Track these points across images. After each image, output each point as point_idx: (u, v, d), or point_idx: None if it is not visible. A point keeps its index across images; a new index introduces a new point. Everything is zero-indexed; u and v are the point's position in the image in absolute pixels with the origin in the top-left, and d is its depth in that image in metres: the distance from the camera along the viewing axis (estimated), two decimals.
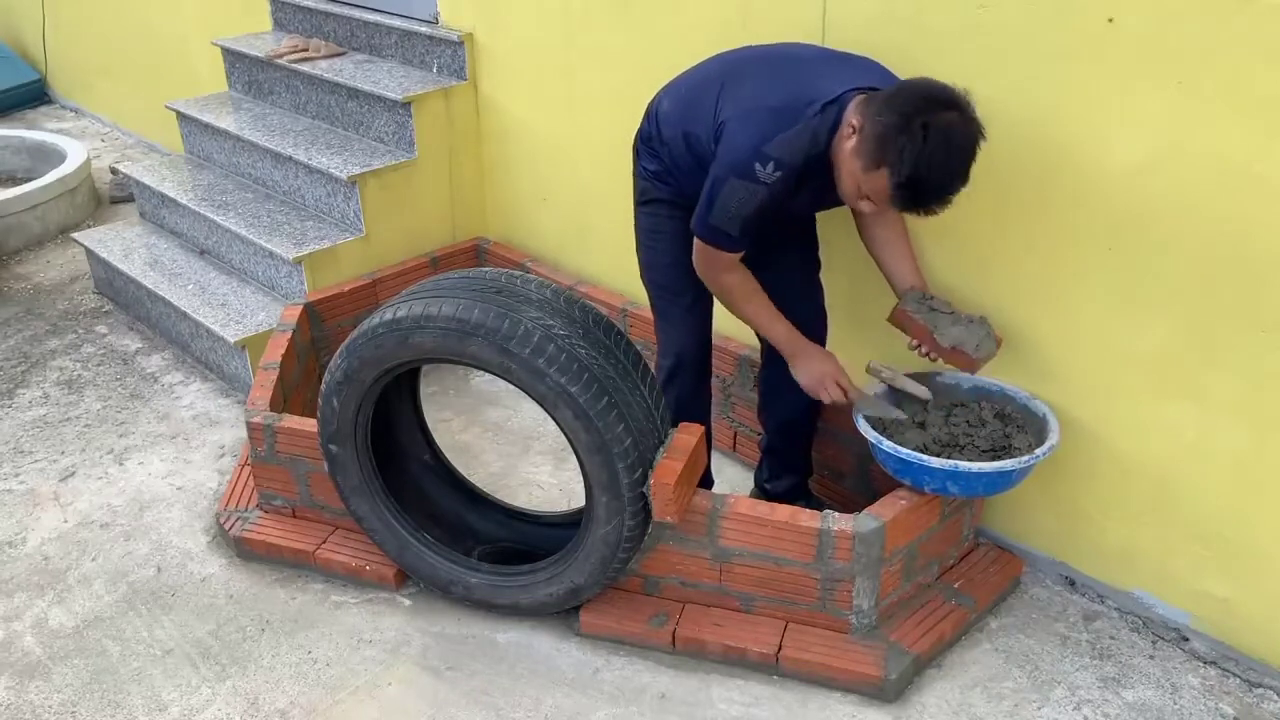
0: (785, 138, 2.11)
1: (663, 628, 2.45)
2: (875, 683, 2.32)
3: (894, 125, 1.99)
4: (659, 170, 2.42)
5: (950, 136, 1.98)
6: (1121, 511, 2.45)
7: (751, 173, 2.12)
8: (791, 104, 2.14)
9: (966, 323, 2.39)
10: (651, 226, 2.49)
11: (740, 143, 2.14)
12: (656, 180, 2.43)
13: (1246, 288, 2.09)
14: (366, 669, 2.45)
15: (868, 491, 2.67)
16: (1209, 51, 2.00)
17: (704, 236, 2.27)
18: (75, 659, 2.51)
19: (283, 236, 3.57)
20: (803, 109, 2.12)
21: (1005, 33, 2.26)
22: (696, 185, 2.31)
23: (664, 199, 2.44)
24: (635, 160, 2.50)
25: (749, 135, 2.13)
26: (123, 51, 5.67)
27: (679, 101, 2.37)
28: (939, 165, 1.99)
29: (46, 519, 2.98)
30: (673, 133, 2.35)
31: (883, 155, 2.01)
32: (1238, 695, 2.32)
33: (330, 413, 2.44)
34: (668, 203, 2.44)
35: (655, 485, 2.24)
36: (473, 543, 2.64)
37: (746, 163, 2.12)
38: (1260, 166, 2.00)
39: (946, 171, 2.01)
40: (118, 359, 3.78)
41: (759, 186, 2.12)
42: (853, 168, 2.09)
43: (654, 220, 2.48)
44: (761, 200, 2.15)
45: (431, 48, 3.74)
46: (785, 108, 2.14)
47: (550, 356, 2.15)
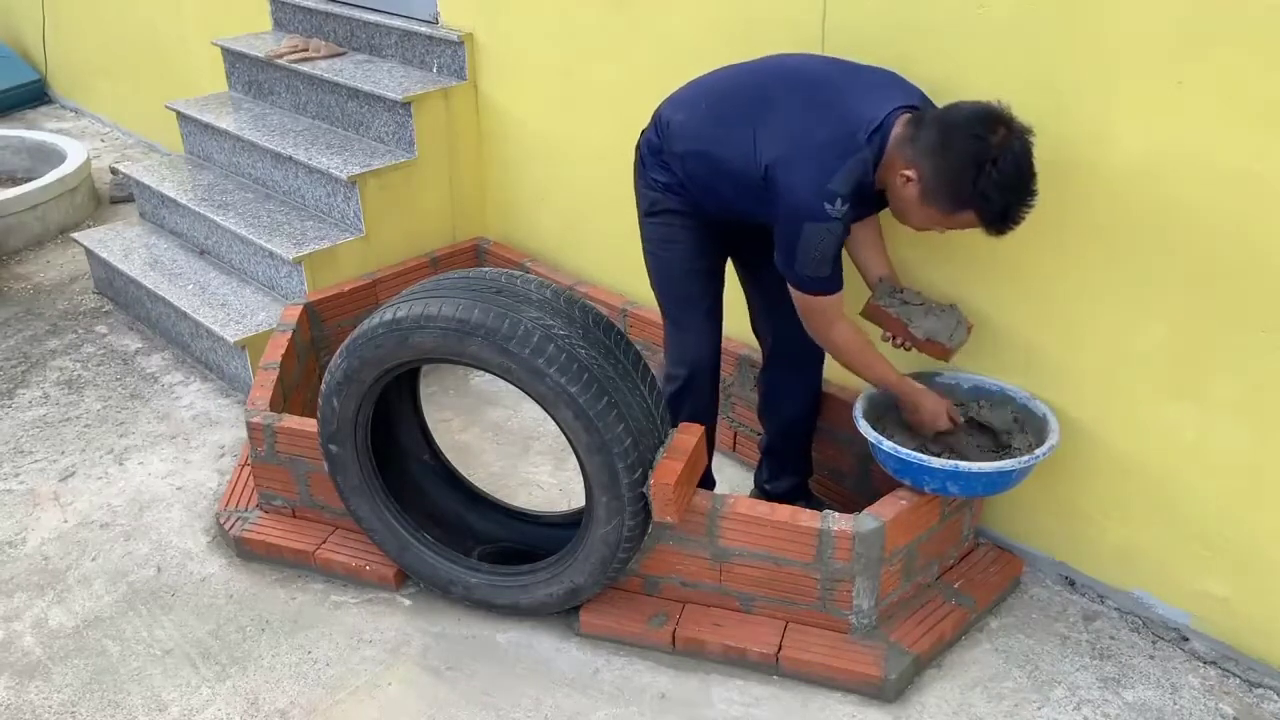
0: (843, 172, 2.13)
1: (662, 628, 2.45)
2: (875, 683, 2.32)
3: (964, 170, 2.03)
4: (670, 182, 2.41)
5: (1016, 156, 2.04)
6: (1121, 511, 2.45)
7: (823, 213, 2.13)
8: (839, 136, 2.15)
9: (938, 312, 2.40)
10: (664, 236, 2.48)
11: (805, 188, 2.14)
12: (668, 192, 2.42)
13: (1246, 288, 2.09)
14: (366, 669, 2.45)
15: (868, 491, 2.66)
16: (1209, 51, 2.00)
17: (803, 287, 2.27)
18: (75, 659, 2.51)
19: (283, 236, 3.57)
20: (850, 138, 2.14)
21: (1004, 33, 2.26)
22: (715, 200, 2.34)
23: (675, 209, 2.43)
24: (640, 170, 2.48)
25: (809, 177, 2.14)
26: (123, 51, 5.67)
27: (695, 120, 2.35)
28: (1019, 188, 2.06)
29: (46, 519, 2.99)
30: (687, 150, 2.35)
31: (965, 198, 2.07)
32: (1238, 695, 2.32)
33: (330, 413, 2.44)
34: (679, 213, 2.43)
35: (655, 485, 2.24)
36: (473, 543, 2.64)
37: (816, 205, 2.13)
38: (1260, 166, 2.00)
39: (1025, 189, 2.07)
40: (118, 359, 3.78)
41: (833, 223, 2.15)
42: (929, 212, 2.14)
43: (667, 230, 2.47)
44: (839, 235, 2.17)
45: (431, 48, 3.74)
46: (835, 142, 2.15)
47: (550, 356, 2.15)
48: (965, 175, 2.03)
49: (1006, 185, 2.04)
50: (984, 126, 2.04)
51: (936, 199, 2.10)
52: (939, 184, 2.08)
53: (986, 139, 2.02)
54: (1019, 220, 2.10)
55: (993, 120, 2.05)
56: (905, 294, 2.43)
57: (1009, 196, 2.05)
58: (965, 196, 2.06)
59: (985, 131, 2.03)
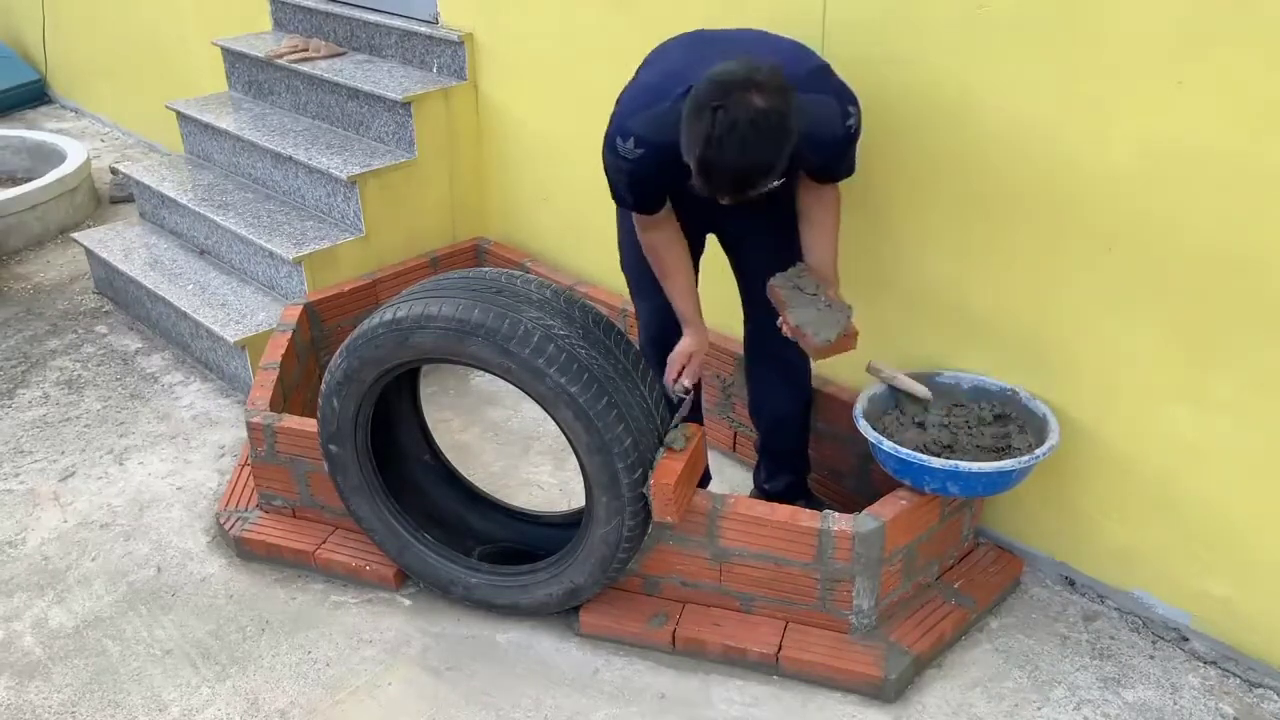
0: (643, 116, 2.14)
1: (663, 628, 2.45)
2: (875, 683, 2.32)
3: (689, 113, 2.00)
4: None
5: (738, 119, 1.93)
6: (1121, 511, 2.45)
7: (614, 146, 2.17)
8: (664, 83, 2.16)
9: (822, 307, 2.33)
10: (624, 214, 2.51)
11: (613, 115, 2.21)
12: None
13: (1246, 288, 2.09)
14: (366, 669, 2.45)
15: (868, 491, 2.66)
16: (1209, 51, 2.00)
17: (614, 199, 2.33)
18: (75, 659, 2.51)
19: (283, 236, 3.57)
20: (664, 90, 2.14)
21: (1004, 32, 2.26)
22: None
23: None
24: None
25: (618, 110, 2.21)
26: (123, 51, 5.67)
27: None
28: (728, 147, 1.94)
29: (46, 519, 2.99)
30: None
31: (686, 150, 2.02)
32: (1238, 695, 2.32)
33: (330, 413, 2.44)
34: None
35: (655, 485, 2.24)
36: (473, 543, 2.64)
37: (610, 136, 2.19)
38: (1259, 166, 2.00)
39: (738, 153, 1.95)
40: (118, 359, 3.78)
41: (621, 160, 2.17)
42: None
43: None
44: (629, 173, 2.18)
45: (431, 48, 3.74)
46: (655, 86, 2.18)
47: (550, 356, 2.15)
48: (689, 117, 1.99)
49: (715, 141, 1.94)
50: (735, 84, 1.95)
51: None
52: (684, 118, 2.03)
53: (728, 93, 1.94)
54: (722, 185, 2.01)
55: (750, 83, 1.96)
56: (803, 282, 2.37)
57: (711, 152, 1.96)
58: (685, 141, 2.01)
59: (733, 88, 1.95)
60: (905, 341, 2.66)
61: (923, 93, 2.42)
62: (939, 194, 2.48)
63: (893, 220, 2.59)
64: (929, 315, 2.61)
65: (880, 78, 2.46)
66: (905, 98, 2.45)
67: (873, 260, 2.65)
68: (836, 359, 2.43)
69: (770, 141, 1.96)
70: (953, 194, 2.45)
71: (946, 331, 2.60)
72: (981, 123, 2.34)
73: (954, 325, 2.58)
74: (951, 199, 2.46)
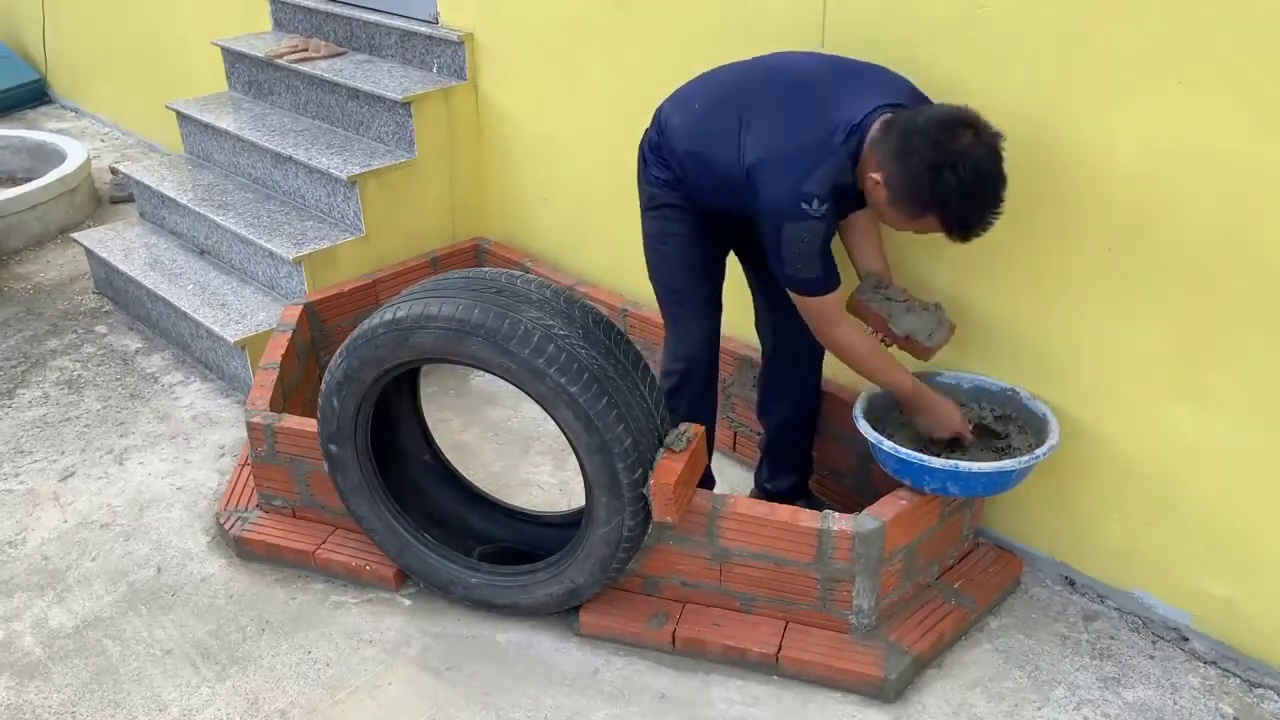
0: (819, 173, 2.13)
1: (663, 628, 2.45)
2: (875, 683, 2.32)
3: (923, 175, 2.02)
4: (669, 179, 2.43)
5: (979, 164, 2.02)
6: (1121, 511, 2.45)
7: (802, 213, 2.14)
8: (816, 138, 2.16)
9: (920, 311, 2.41)
10: (661, 230, 2.49)
11: (781, 190, 2.16)
12: (667, 187, 2.44)
13: (1246, 287, 2.09)
14: (366, 669, 2.45)
15: (868, 491, 2.66)
16: (1209, 50, 2.00)
17: (797, 288, 2.28)
18: (75, 659, 2.51)
19: (283, 236, 3.57)
20: (827, 140, 2.14)
21: (1004, 32, 2.26)
22: (709, 195, 2.36)
23: (674, 203, 2.45)
24: (643, 167, 2.50)
25: (787, 180, 2.16)
26: (123, 51, 5.67)
27: (690, 120, 2.37)
28: (979, 193, 2.04)
29: (46, 519, 2.99)
30: (684, 149, 2.36)
31: (925, 203, 2.06)
32: (1238, 695, 2.32)
33: (330, 413, 2.44)
34: (677, 207, 2.44)
35: (655, 485, 2.24)
36: (473, 543, 2.64)
37: (794, 207, 2.15)
38: (1259, 166, 2.00)
39: (987, 196, 2.06)
40: (118, 359, 3.78)
41: (813, 222, 2.15)
42: (897, 215, 2.14)
43: (664, 224, 2.48)
44: (821, 234, 2.17)
45: (431, 48, 3.74)
46: (812, 143, 2.16)
47: (550, 356, 2.15)
48: (923, 180, 2.03)
49: (966, 192, 2.02)
50: (946, 132, 2.02)
51: (900, 203, 2.10)
52: (901, 188, 2.07)
53: (946, 145, 2.01)
54: (981, 227, 2.09)
55: (956, 125, 2.03)
56: (890, 290, 2.43)
57: (968, 203, 2.05)
58: (925, 202, 2.06)
59: (946, 137, 2.02)
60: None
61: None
62: None
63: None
64: None
65: None
66: None
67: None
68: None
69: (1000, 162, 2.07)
70: None
71: None
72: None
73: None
74: None
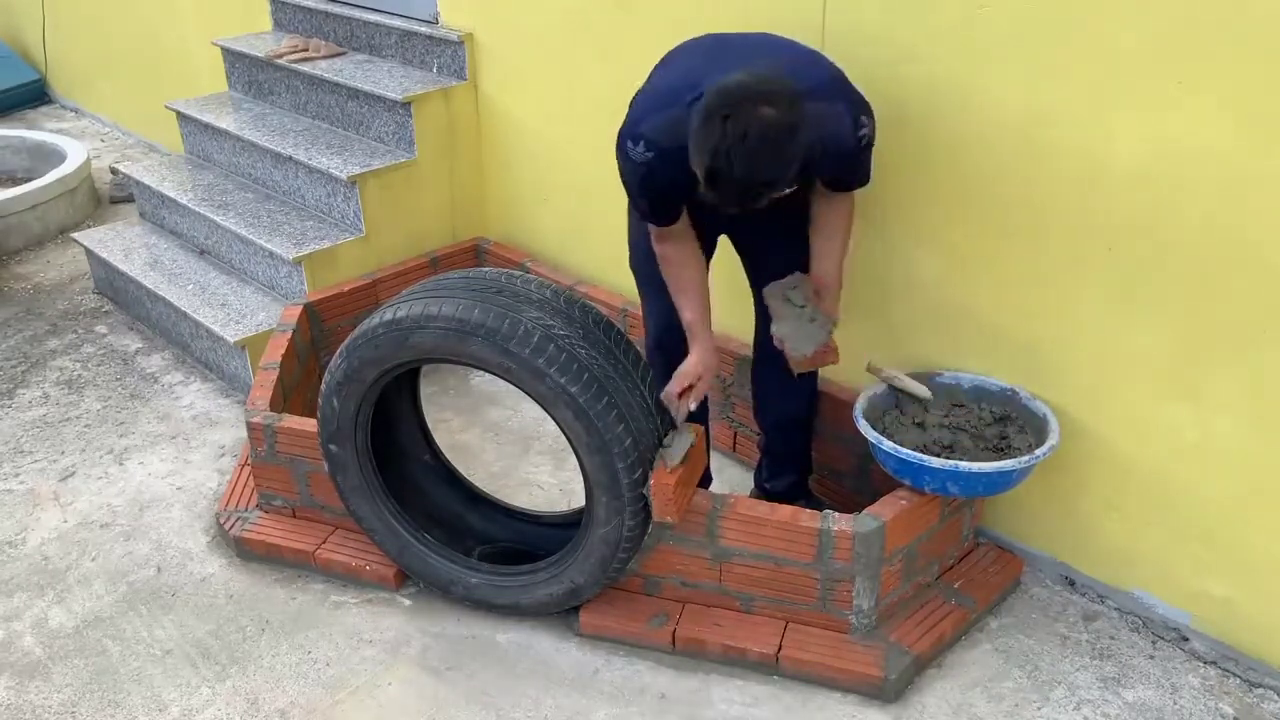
0: (656, 120, 2.15)
1: (663, 628, 2.45)
2: (875, 683, 2.32)
3: (698, 123, 1.99)
4: None
5: (747, 131, 1.93)
6: (1121, 511, 2.45)
7: (624, 149, 2.18)
8: (675, 88, 2.17)
9: (806, 322, 2.39)
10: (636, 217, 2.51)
11: (626, 118, 2.21)
12: None
13: (1246, 287, 2.09)
14: (366, 669, 2.45)
15: (868, 491, 2.66)
16: (1209, 51, 2.00)
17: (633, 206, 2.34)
18: (75, 659, 2.51)
19: (283, 236, 3.57)
20: (684, 93, 2.13)
21: (1004, 32, 2.26)
22: None
23: None
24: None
25: (630, 113, 2.21)
26: (123, 51, 5.67)
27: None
28: (736, 159, 1.93)
29: (46, 519, 2.99)
30: None
31: (693, 157, 2.01)
32: (1238, 695, 2.32)
33: (330, 413, 2.44)
34: None
35: (655, 485, 2.24)
36: (473, 543, 2.64)
37: (621, 139, 2.19)
38: (1259, 166, 2.00)
39: (745, 165, 1.94)
40: (118, 359, 3.78)
41: (633, 164, 2.18)
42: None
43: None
44: (642, 177, 2.18)
45: (431, 48, 3.74)
46: (668, 90, 2.18)
47: (550, 356, 2.15)
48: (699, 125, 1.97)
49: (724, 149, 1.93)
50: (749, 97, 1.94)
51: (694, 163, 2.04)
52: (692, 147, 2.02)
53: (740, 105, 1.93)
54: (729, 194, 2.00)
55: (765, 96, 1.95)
56: (795, 294, 2.40)
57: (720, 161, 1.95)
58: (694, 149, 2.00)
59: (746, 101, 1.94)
60: (905, 341, 2.66)
61: (922, 92, 2.42)
62: (939, 193, 2.48)
63: (893, 220, 2.59)
64: (929, 315, 2.61)
65: (880, 78, 2.46)
66: (905, 97, 2.45)
67: (873, 260, 2.65)
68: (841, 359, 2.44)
69: (778, 154, 1.96)
70: (953, 194, 2.45)
71: (946, 331, 2.60)
72: (981, 122, 2.34)
73: (954, 325, 2.57)
74: (952, 199, 2.46)
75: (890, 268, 2.64)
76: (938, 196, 2.49)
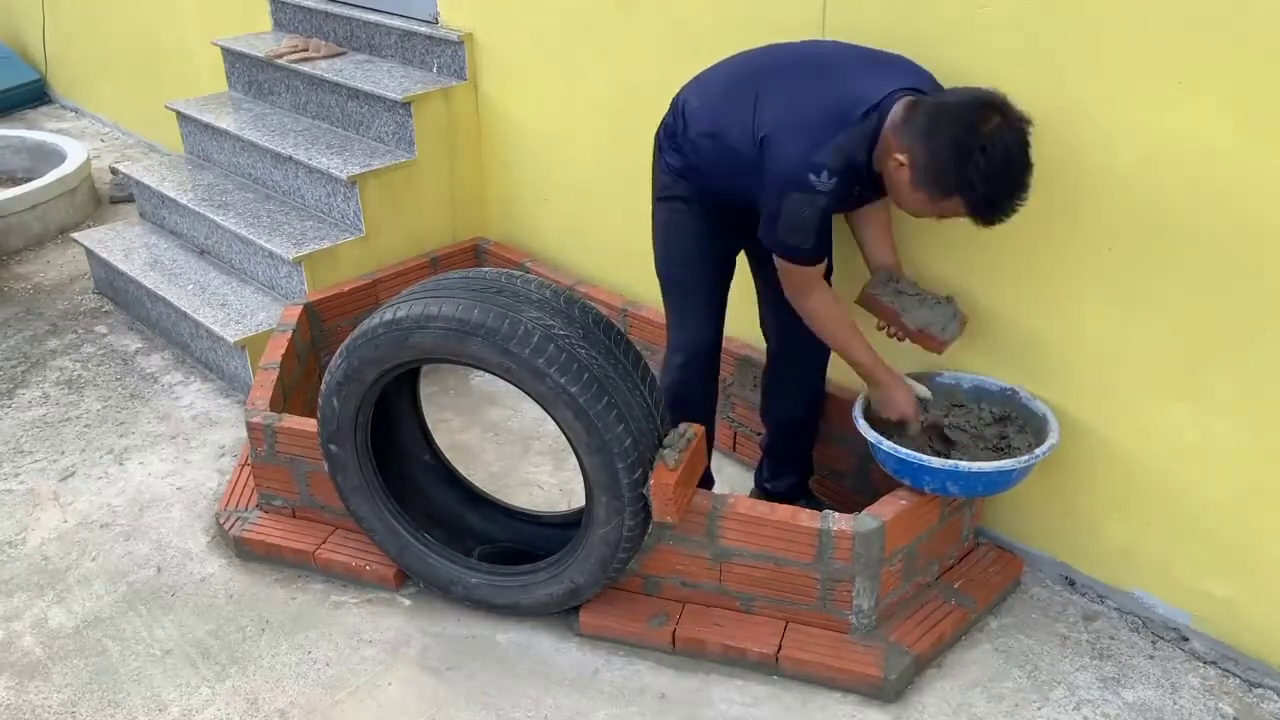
0: (834, 145, 2.12)
1: (663, 628, 2.45)
2: (875, 683, 2.32)
3: (950, 156, 2.01)
4: (682, 167, 2.41)
5: (1007, 146, 2.00)
6: (1121, 511, 2.45)
7: (808, 184, 2.13)
8: (833, 110, 2.15)
9: (933, 304, 2.41)
10: (670, 221, 2.49)
11: (790, 155, 2.15)
12: (679, 176, 2.43)
13: (1247, 287, 2.09)
14: (366, 669, 2.45)
15: (868, 491, 2.66)
16: (1209, 51, 2.00)
17: (781, 253, 2.27)
18: (75, 659, 2.51)
19: (283, 236, 3.57)
20: (844, 114, 2.13)
21: (1005, 32, 2.26)
22: (720, 182, 2.33)
23: (684, 195, 2.44)
24: (658, 154, 2.48)
25: (797, 146, 2.14)
26: (123, 51, 5.67)
27: (708, 101, 2.36)
28: (1007, 177, 2.03)
29: (46, 519, 2.98)
30: (699, 131, 2.35)
31: (950, 185, 2.04)
32: (1238, 695, 2.32)
33: (330, 413, 2.44)
34: (687, 199, 2.44)
35: (655, 485, 2.24)
36: (473, 543, 2.63)
37: (800, 175, 2.13)
38: (1259, 165, 2.00)
39: (1014, 180, 2.04)
40: (118, 359, 3.78)
41: (818, 195, 2.14)
42: (919, 197, 2.11)
43: (673, 216, 2.48)
44: (823, 208, 2.16)
45: (431, 48, 3.74)
46: (829, 115, 2.15)
47: (550, 356, 2.15)
48: (951, 161, 2.01)
49: (993, 174, 2.01)
50: (975, 113, 2.01)
51: (925, 184, 2.08)
52: (926, 169, 2.05)
53: (975, 127, 2.00)
54: (1007, 211, 2.07)
55: (985, 107, 2.02)
56: (901, 284, 2.43)
57: (994, 186, 2.03)
58: (951, 183, 2.04)
59: (975, 119, 2.01)
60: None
61: None
62: None
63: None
64: None
65: None
66: None
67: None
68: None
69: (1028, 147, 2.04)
70: None
71: None
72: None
73: None
74: None
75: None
76: None
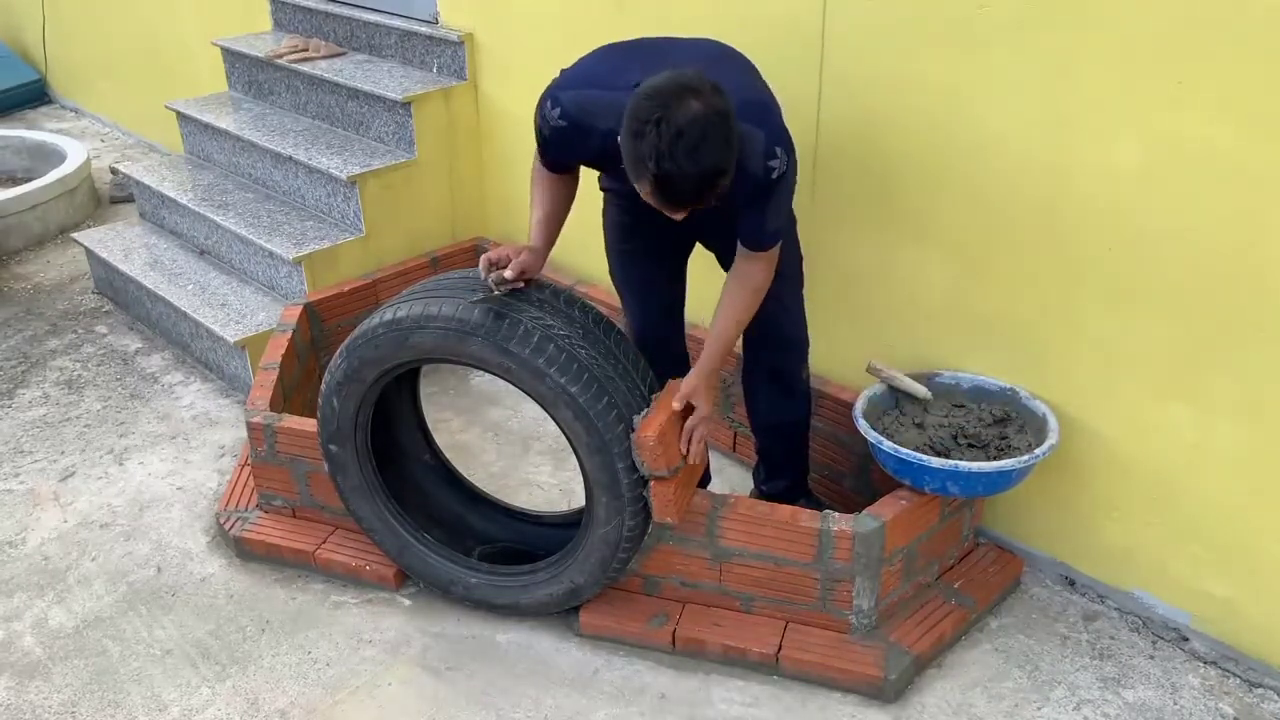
0: (578, 94, 2.15)
1: (663, 628, 2.45)
2: (875, 683, 2.32)
3: (630, 134, 1.93)
4: None
5: (683, 127, 1.88)
6: (1121, 511, 2.45)
7: (543, 108, 2.18)
8: (607, 74, 2.17)
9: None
10: (604, 212, 2.58)
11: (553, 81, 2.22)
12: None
13: (1247, 287, 2.09)
14: (366, 669, 2.45)
15: (868, 491, 2.67)
16: (1209, 51, 2.00)
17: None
18: (75, 659, 2.51)
19: (283, 236, 3.57)
20: (612, 81, 2.13)
21: (1005, 32, 2.26)
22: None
23: (606, 187, 2.52)
24: None
25: (558, 79, 2.21)
26: (123, 51, 5.67)
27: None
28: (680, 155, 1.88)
29: (46, 519, 2.99)
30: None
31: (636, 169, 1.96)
32: (1238, 695, 2.32)
33: (330, 413, 2.44)
34: (611, 190, 2.52)
35: (655, 486, 2.24)
36: (473, 543, 2.64)
37: (542, 98, 2.19)
38: (1260, 165, 2.00)
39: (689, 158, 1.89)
40: (118, 359, 3.78)
41: (544, 123, 2.19)
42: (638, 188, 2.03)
43: (605, 206, 2.57)
44: (547, 137, 2.21)
45: (431, 48, 3.74)
46: (599, 74, 2.19)
47: (550, 356, 2.15)
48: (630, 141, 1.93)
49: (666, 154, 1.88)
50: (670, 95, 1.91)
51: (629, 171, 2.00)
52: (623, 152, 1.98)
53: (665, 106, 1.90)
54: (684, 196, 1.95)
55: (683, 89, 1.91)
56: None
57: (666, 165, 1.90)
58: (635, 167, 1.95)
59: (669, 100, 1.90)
60: (905, 342, 2.66)
61: (923, 93, 2.42)
62: (939, 193, 2.48)
63: (893, 220, 2.59)
64: (929, 315, 2.61)
65: (881, 78, 2.47)
66: (905, 98, 2.45)
67: (873, 259, 2.66)
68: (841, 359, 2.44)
69: (718, 141, 1.91)
70: (953, 194, 2.46)
71: (946, 331, 2.60)
72: (981, 122, 2.34)
73: (954, 325, 2.58)
74: (952, 199, 2.46)
75: (891, 268, 2.64)
76: (939, 196, 2.48)
